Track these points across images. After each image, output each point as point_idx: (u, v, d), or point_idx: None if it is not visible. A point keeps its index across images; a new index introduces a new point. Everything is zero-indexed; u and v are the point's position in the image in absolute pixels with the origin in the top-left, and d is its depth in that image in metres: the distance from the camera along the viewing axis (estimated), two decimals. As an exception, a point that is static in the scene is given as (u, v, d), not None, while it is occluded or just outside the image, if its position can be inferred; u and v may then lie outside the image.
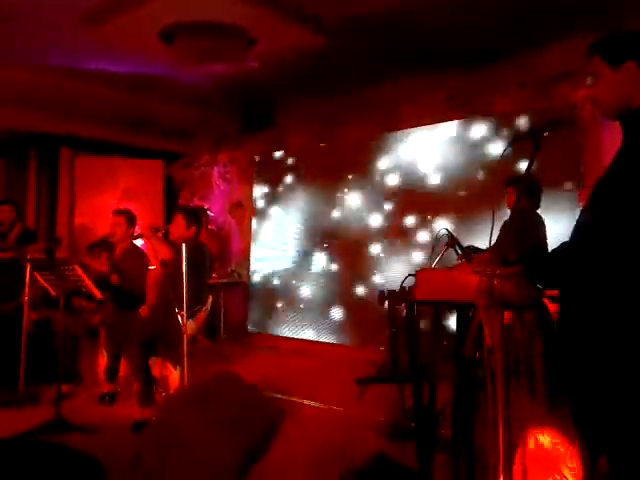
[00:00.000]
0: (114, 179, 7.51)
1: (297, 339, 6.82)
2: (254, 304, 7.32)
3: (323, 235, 6.74)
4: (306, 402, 4.34)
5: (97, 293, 3.96)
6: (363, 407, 4.00)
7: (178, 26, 4.81)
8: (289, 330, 6.94)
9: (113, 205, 6.86)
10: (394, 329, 2.67)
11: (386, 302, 2.78)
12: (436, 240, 3.96)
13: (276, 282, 7.13)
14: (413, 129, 6.04)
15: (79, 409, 4.05)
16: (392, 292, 2.75)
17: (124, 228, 4.68)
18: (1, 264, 5.23)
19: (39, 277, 4.10)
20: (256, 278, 7.34)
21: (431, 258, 3.88)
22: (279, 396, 4.39)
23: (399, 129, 6.13)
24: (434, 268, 2.91)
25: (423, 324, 2.86)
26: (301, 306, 6.87)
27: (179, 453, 2.83)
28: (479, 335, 2.25)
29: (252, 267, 7.37)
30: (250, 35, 5.03)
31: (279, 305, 7.06)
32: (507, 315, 2.14)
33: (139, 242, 4.76)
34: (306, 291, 6.82)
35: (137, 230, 4.76)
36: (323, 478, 2.79)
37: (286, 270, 7.02)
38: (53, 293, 4.14)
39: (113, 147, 7.40)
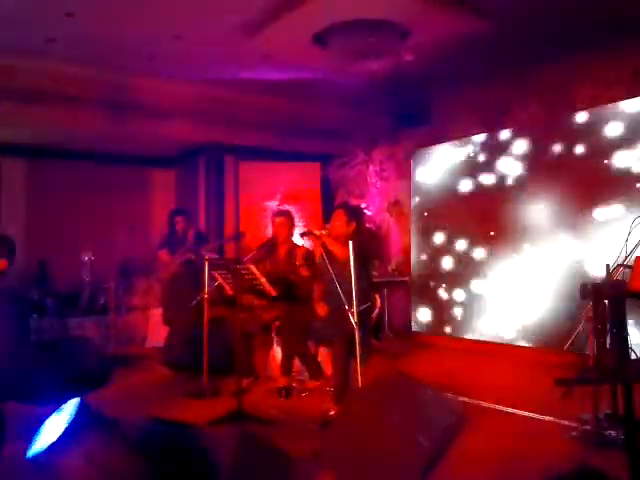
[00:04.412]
0: (274, 183, 7.82)
1: (463, 339, 6.54)
2: (417, 302, 7.14)
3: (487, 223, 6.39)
4: (486, 404, 4.12)
5: (272, 291, 4.07)
6: (553, 412, 3.69)
7: (330, 28, 4.84)
8: (454, 329, 6.69)
9: (274, 208, 7.15)
10: (600, 326, 2.37)
11: (590, 296, 2.47)
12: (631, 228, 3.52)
13: (440, 280, 6.89)
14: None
15: (257, 402, 4.20)
16: (598, 285, 2.44)
17: (287, 228, 4.80)
18: (182, 265, 5.68)
19: (217, 276, 4.33)
20: (419, 276, 7.15)
21: (625, 248, 3.46)
22: (457, 397, 4.20)
23: (574, 111, 5.59)
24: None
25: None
26: (467, 304, 6.58)
27: (364, 451, 2.78)
28: None
29: (414, 265, 7.20)
30: (403, 28, 4.92)
31: (443, 304, 6.82)
32: None
33: (300, 241, 4.82)
34: (472, 289, 6.52)
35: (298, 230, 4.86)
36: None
37: (450, 268, 6.78)
38: (230, 291, 4.34)
39: (272, 151, 7.68)
